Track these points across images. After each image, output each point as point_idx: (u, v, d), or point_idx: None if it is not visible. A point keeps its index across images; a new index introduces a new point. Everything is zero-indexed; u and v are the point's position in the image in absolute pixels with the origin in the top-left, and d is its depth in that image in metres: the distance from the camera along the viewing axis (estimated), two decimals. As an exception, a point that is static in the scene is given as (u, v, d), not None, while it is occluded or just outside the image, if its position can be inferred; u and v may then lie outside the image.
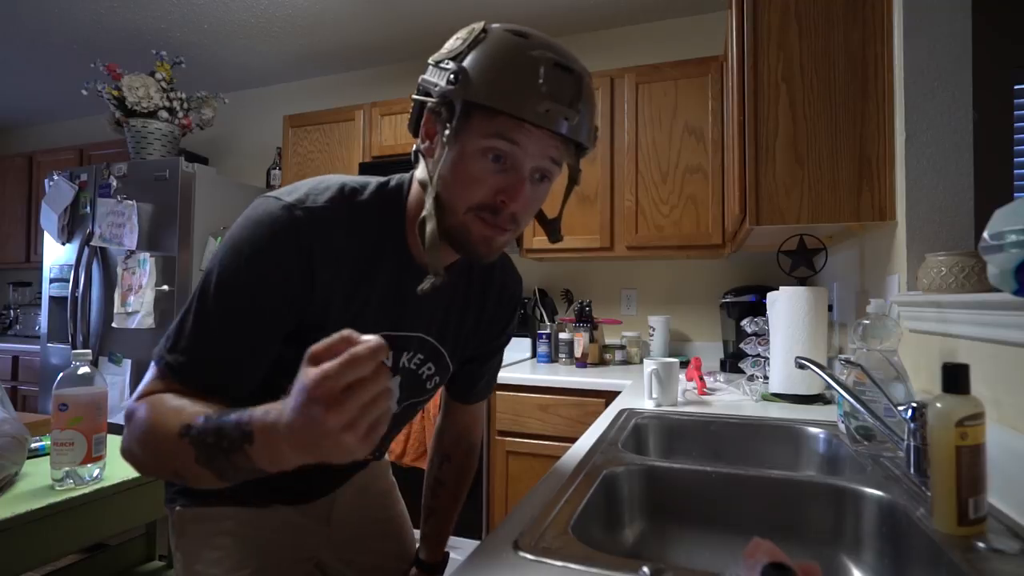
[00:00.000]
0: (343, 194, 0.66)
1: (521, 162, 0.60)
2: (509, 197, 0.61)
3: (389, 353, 0.42)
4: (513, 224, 0.63)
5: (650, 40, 2.60)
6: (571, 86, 0.59)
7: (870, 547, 0.76)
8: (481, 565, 0.56)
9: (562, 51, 0.60)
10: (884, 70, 1.19)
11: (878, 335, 0.98)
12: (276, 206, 0.62)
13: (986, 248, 0.64)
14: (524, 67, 0.58)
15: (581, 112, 0.59)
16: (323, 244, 0.62)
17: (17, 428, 1.07)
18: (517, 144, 0.59)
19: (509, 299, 0.87)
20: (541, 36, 0.61)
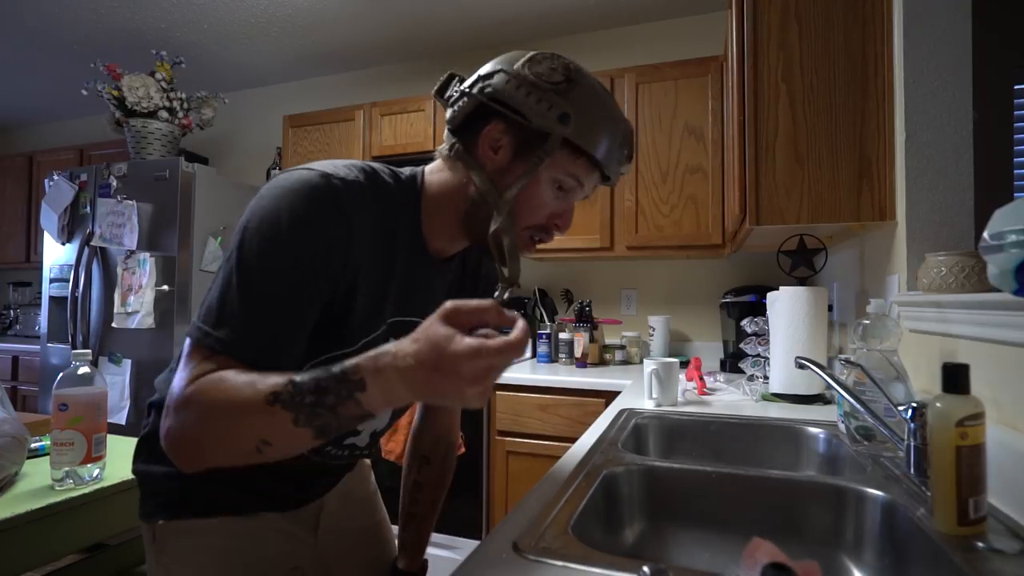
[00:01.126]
0: (367, 173, 0.66)
1: (576, 196, 0.71)
2: (562, 222, 0.71)
3: None
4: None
5: (650, 40, 2.60)
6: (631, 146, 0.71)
7: (870, 547, 0.76)
8: (481, 565, 0.56)
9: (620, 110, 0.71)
10: (884, 70, 1.19)
11: (878, 335, 0.98)
12: (312, 175, 0.61)
13: (986, 248, 0.64)
14: (617, 128, 0.69)
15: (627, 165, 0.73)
16: (360, 216, 0.62)
17: (17, 428, 1.07)
18: (582, 185, 0.69)
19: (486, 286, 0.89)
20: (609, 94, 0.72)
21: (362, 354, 0.51)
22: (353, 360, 0.50)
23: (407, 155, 2.56)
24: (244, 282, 0.57)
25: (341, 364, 0.50)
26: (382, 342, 0.63)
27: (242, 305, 0.56)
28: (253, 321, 0.57)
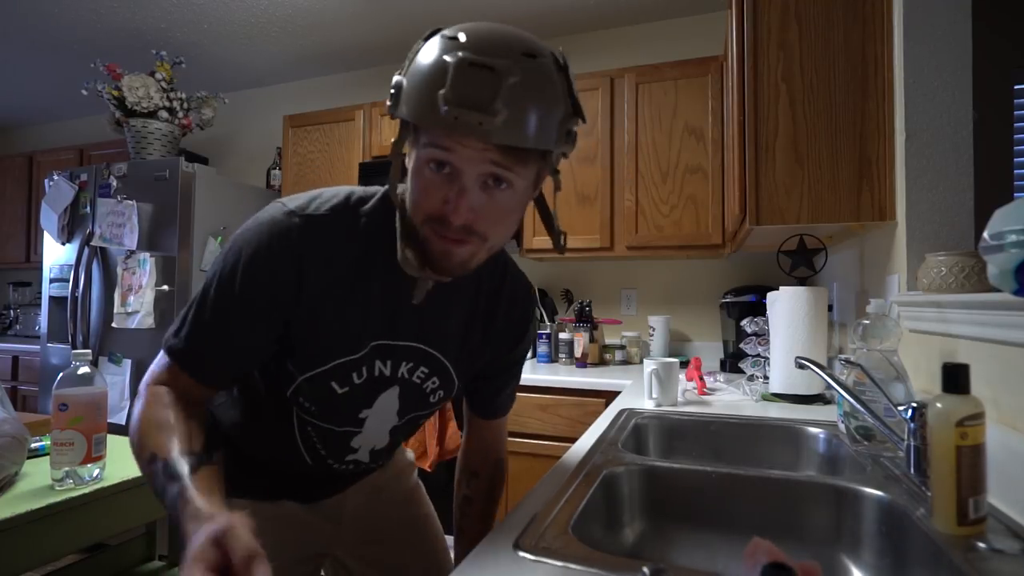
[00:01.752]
0: (348, 203, 0.68)
1: (460, 169, 0.57)
2: (452, 207, 0.58)
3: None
4: (470, 235, 0.60)
5: (650, 40, 2.60)
6: (485, 86, 0.53)
7: (870, 547, 0.76)
8: (481, 565, 0.56)
9: (490, 45, 0.55)
10: (884, 70, 1.19)
11: (878, 335, 0.98)
12: (279, 211, 0.65)
13: (986, 248, 0.64)
14: (435, 73, 0.55)
15: (501, 112, 0.53)
16: (316, 250, 0.65)
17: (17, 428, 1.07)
18: (451, 151, 0.56)
19: (520, 312, 0.83)
20: (478, 33, 0.57)
21: (197, 503, 0.54)
22: (190, 495, 0.54)
23: (407, 155, 2.56)
24: (200, 303, 0.65)
25: (188, 493, 0.54)
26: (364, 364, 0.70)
27: (192, 321, 0.65)
28: (197, 337, 0.65)
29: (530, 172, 0.61)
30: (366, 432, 0.77)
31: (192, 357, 0.65)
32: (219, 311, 0.64)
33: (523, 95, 0.55)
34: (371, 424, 0.76)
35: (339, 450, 0.78)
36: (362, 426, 0.76)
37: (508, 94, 0.53)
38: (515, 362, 0.88)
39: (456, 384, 0.80)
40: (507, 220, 0.63)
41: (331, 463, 0.79)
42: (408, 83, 0.57)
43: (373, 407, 0.74)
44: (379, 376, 0.72)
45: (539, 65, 0.57)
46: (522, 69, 0.55)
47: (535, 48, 0.57)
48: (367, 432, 0.77)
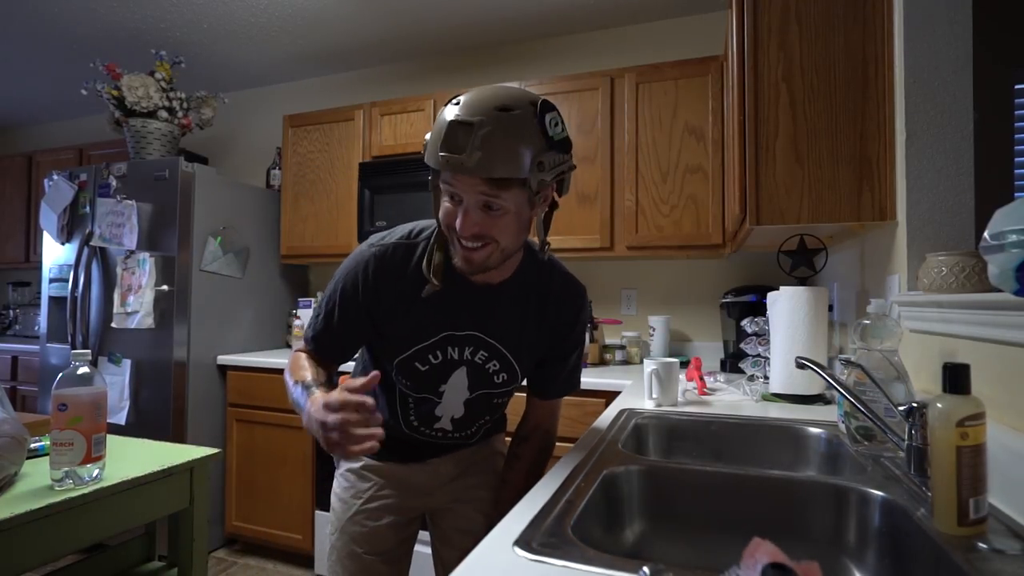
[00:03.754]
0: (410, 234, 0.96)
1: (463, 197, 0.80)
2: (460, 224, 0.81)
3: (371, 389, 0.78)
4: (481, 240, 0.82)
5: (650, 40, 2.59)
6: (463, 135, 0.75)
7: (870, 547, 0.76)
8: (481, 565, 0.56)
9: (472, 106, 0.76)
10: (884, 70, 1.19)
11: (878, 335, 0.98)
12: (364, 245, 0.96)
13: (987, 248, 0.64)
14: (438, 129, 0.78)
15: (475, 155, 0.74)
16: (386, 272, 0.93)
17: (17, 428, 1.07)
18: (453, 185, 0.80)
19: (569, 308, 1.02)
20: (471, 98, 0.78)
21: (317, 394, 0.83)
22: (313, 393, 0.84)
23: (407, 155, 2.56)
24: (319, 312, 0.99)
25: (311, 392, 0.85)
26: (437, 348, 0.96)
27: (315, 323, 0.99)
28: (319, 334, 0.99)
29: (516, 196, 0.80)
30: (445, 402, 1.01)
31: (316, 345, 0.99)
32: (327, 318, 0.97)
33: (492, 140, 0.75)
34: (448, 396, 1.01)
35: (428, 418, 1.03)
36: (441, 397, 1.00)
37: (480, 141, 0.75)
38: (571, 350, 1.06)
39: (518, 369, 1.00)
40: (511, 229, 0.83)
41: (424, 430, 1.04)
42: (430, 139, 0.81)
43: (448, 382, 0.99)
44: (450, 359, 0.97)
45: (511, 117, 0.76)
46: (493, 121, 0.75)
47: (511, 103, 0.77)
48: (445, 402, 1.01)
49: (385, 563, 1.06)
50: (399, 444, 1.06)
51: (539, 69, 2.75)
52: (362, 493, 1.07)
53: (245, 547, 2.57)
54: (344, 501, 1.08)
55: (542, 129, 0.78)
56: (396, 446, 1.04)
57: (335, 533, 1.07)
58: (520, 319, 0.98)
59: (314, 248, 2.76)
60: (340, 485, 1.10)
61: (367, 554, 1.04)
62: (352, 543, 1.05)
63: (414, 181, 2.47)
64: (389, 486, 1.07)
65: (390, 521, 1.06)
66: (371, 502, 1.06)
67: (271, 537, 2.43)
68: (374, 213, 2.58)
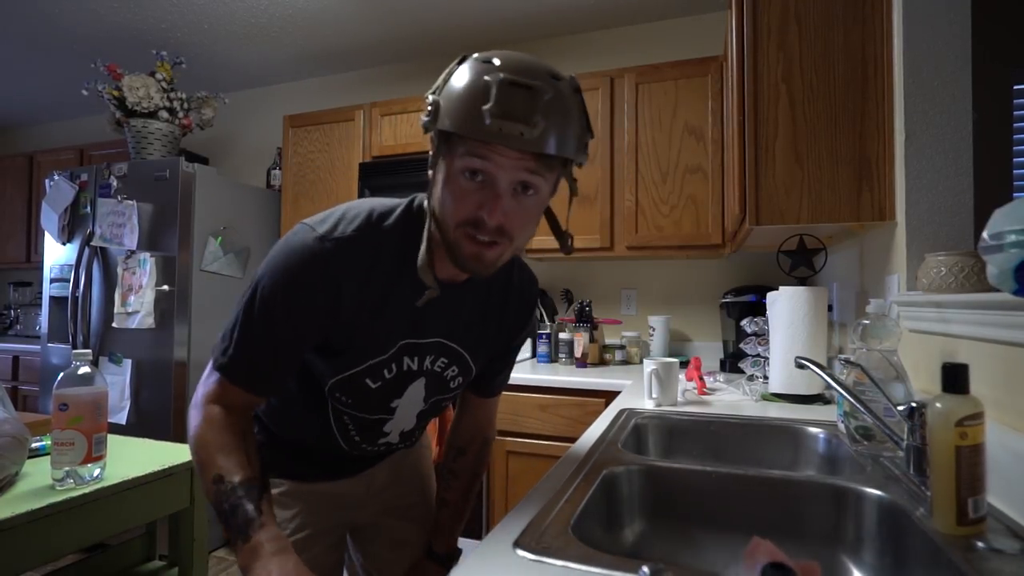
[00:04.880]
0: (370, 220, 0.74)
1: (495, 177, 0.64)
2: (488, 210, 0.65)
3: None
4: (501, 236, 0.67)
5: (650, 40, 2.60)
6: (525, 101, 0.61)
7: (870, 547, 0.76)
8: (481, 565, 0.56)
9: (524, 69, 0.63)
10: (884, 70, 1.19)
11: (878, 335, 0.98)
12: (309, 237, 0.71)
13: (986, 248, 0.64)
14: (478, 90, 0.62)
15: (540, 124, 0.61)
16: (350, 271, 0.71)
17: (17, 428, 1.07)
18: (488, 160, 0.63)
19: (528, 302, 0.92)
20: (511, 59, 0.64)
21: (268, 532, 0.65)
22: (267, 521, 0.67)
23: (407, 155, 2.56)
24: (244, 323, 0.72)
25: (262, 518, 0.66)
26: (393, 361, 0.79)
27: (238, 339, 0.72)
28: (245, 353, 0.72)
29: (553, 178, 0.69)
30: (397, 418, 0.86)
31: (241, 373, 0.73)
32: (263, 332, 0.71)
33: (555, 110, 0.63)
34: (401, 411, 0.86)
35: (373, 435, 0.87)
36: (393, 413, 0.85)
37: (544, 108, 0.61)
38: (517, 346, 0.96)
39: (473, 370, 0.88)
40: (531, 222, 0.71)
41: (365, 447, 0.89)
42: (447, 100, 0.64)
43: (403, 396, 0.84)
44: (407, 371, 0.81)
45: (563, 87, 0.65)
46: (553, 88, 0.63)
47: (558, 73, 0.66)
48: (398, 418, 0.86)
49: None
50: (332, 460, 0.92)
51: (539, 69, 2.74)
52: (286, 524, 0.89)
53: (245, 547, 2.57)
54: None
55: (582, 106, 0.69)
56: (328, 462, 0.92)
57: None
58: (482, 316, 0.85)
59: (314, 248, 2.75)
60: None
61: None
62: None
63: (414, 181, 2.47)
64: (317, 508, 0.91)
65: (323, 547, 0.92)
66: (299, 531, 0.89)
67: (271, 537, 2.43)
68: (374, 213, 2.58)
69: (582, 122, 0.68)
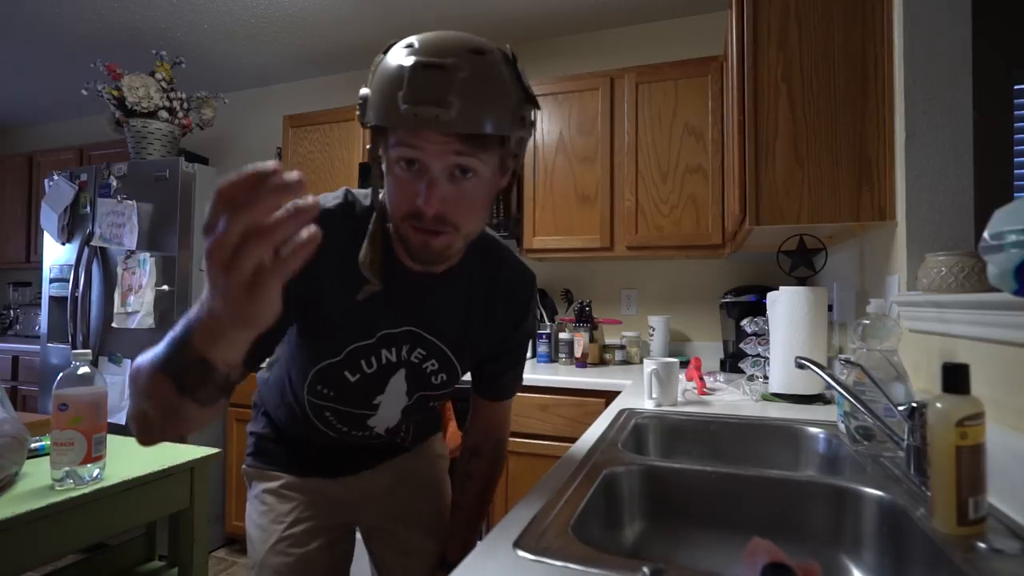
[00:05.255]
0: (346, 200, 0.75)
1: (428, 164, 0.62)
2: (424, 200, 0.62)
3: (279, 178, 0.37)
4: (444, 225, 0.65)
5: (650, 40, 2.60)
6: (437, 81, 0.58)
7: (870, 547, 0.76)
8: (481, 565, 0.56)
9: (438, 48, 0.60)
10: (884, 70, 1.19)
11: (878, 335, 0.98)
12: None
13: (986, 248, 0.64)
14: (393, 78, 0.60)
15: (455, 104, 0.58)
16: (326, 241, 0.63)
17: (17, 428, 1.07)
18: (417, 148, 0.61)
19: (520, 299, 0.88)
20: (428, 39, 0.61)
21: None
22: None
23: (407, 155, 2.56)
24: None
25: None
26: (373, 353, 0.78)
27: None
28: None
29: (492, 158, 0.65)
30: (380, 414, 0.87)
31: None
32: None
33: (474, 87, 0.59)
34: (385, 407, 0.86)
35: (357, 426, 0.88)
36: (376, 410, 0.85)
37: (459, 87, 0.58)
38: (516, 346, 0.93)
39: (457, 368, 0.87)
40: (477, 208, 0.67)
41: (354, 433, 0.89)
42: (372, 92, 0.62)
43: (386, 391, 0.83)
44: (387, 363, 0.80)
45: (487, 61, 0.61)
46: (470, 64, 0.60)
47: (482, 46, 0.62)
48: (381, 414, 0.87)
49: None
50: (323, 454, 0.93)
51: (539, 69, 2.75)
52: (283, 517, 0.90)
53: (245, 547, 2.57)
54: (262, 528, 0.91)
55: (518, 78, 0.64)
56: (320, 457, 0.93)
57: (255, 568, 0.90)
58: (464, 312, 0.83)
59: (314, 248, 2.75)
60: (256, 510, 0.93)
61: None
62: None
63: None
64: (315, 504, 0.92)
65: (320, 544, 0.91)
66: (295, 526, 0.90)
67: (271, 537, 2.43)
68: (374, 213, 2.58)
69: (516, 94, 0.64)
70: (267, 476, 0.94)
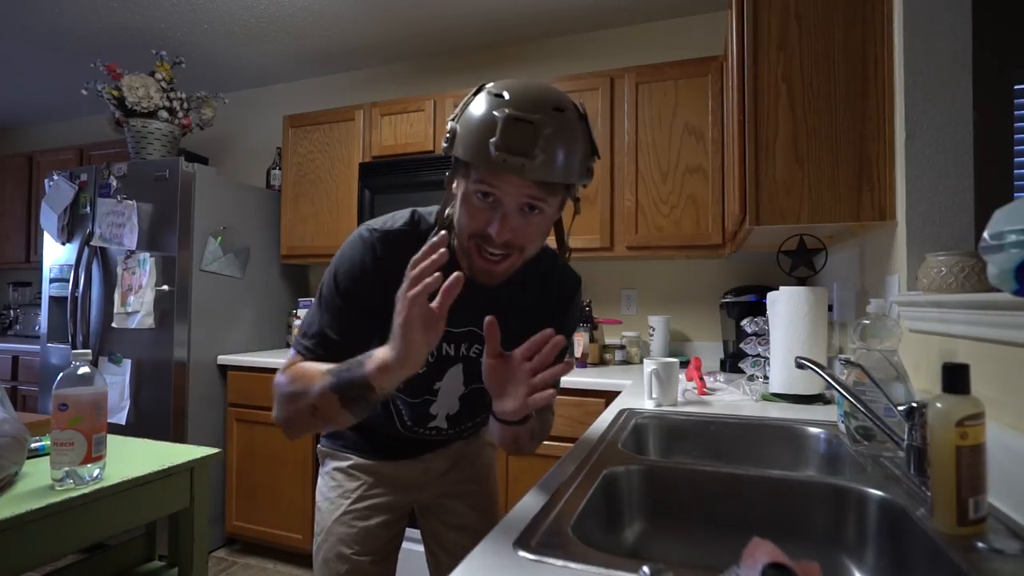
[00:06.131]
0: (412, 220, 0.88)
1: (502, 200, 0.74)
2: (495, 228, 0.74)
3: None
4: (510, 249, 0.77)
5: (650, 40, 2.60)
6: (526, 135, 0.69)
7: (870, 547, 0.76)
8: (481, 565, 0.56)
9: (529, 104, 0.70)
10: (884, 70, 1.19)
11: (878, 335, 0.98)
12: (363, 230, 0.87)
13: (986, 248, 0.64)
14: (486, 124, 0.70)
15: (539, 157, 0.69)
16: (393, 256, 0.82)
17: (17, 428, 1.07)
18: (495, 187, 0.73)
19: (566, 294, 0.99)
20: (518, 93, 0.71)
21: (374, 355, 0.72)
22: (369, 359, 0.72)
23: (407, 155, 2.56)
24: (318, 311, 0.87)
25: (365, 361, 0.72)
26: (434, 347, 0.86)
27: (318, 324, 0.86)
28: (322, 335, 0.85)
29: (558, 200, 0.78)
30: (440, 400, 0.98)
31: (320, 350, 0.84)
32: (333, 314, 0.85)
33: (555, 142, 0.70)
34: (444, 393, 0.97)
35: (421, 417, 0.99)
36: (436, 395, 0.97)
37: (544, 142, 0.69)
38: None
39: None
40: (539, 235, 0.80)
41: (418, 430, 1.01)
42: (462, 129, 0.73)
43: (443, 379, 0.96)
44: (445, 356, 0.93)
45: (566, 117, 0.73)
46: (555, 122, 0.71)
47: (563, 103, 0.74)
48: (441, 400, 0.98)
49: (374, 563, 1.03)
50: (391, 442, 1.05)
51: (539, 69, 2.75)
52: (350, 493, 1.04)
53: (245, 547, 2.57)
54: (331, 501, 1.05)
55: (587, 132, 0.76)
56: (387, 444, 1.05)
57: (321, 534, 1.04)
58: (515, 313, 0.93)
59: (314, 248, 2.76)
60: (326, 484, 1.07)
61: (356, 555, 1.02)
62: (340, 544, 1.02)
63: (414, 181, 2.47)
64: (379, 484, 1.05)
65: (380, 520, 1.04)
66: (360, 501, 1.03)
67: (271, 537, 2.43)
68: (374, 213, 2.58)
69: (585, 148, 0.75)
70: (338, 456, 1.08)
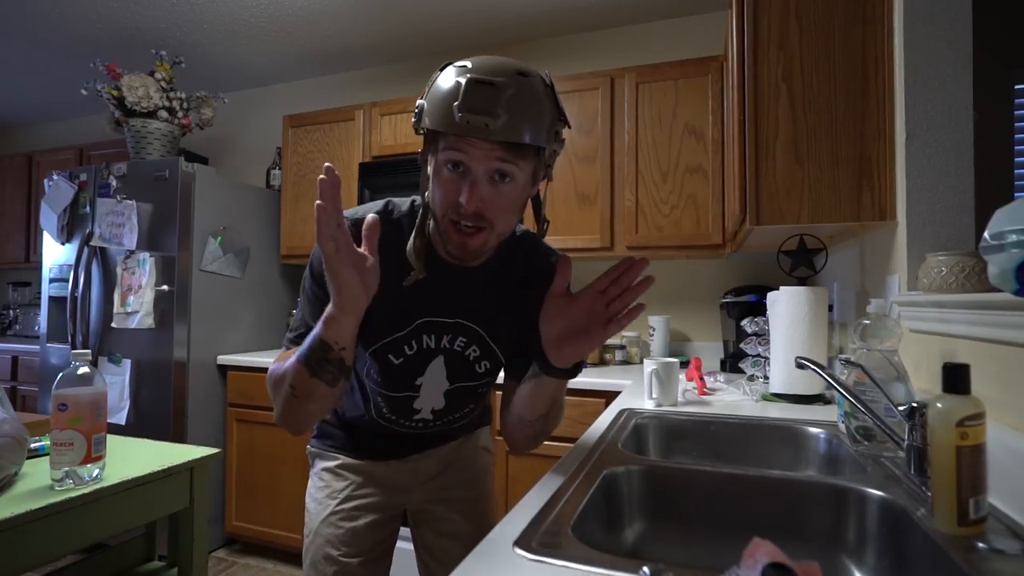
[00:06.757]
0: (385, 209, 0.88)
1: (471, 167, 0.73)
2: (465, 196, 0.73)
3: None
4: (481, 221, 0.75)
5: (650, 40, 2.60)
6: (488, 96, 0.69)
7: (870, 547, 0.76)
8: (481, 565, 0.56)
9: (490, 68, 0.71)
10: (884, 70, 1.19)
11: (878, 335, 0.98)
12: None
13: (986, 248, 0.64)
14: (451, 91, 0.71)
15: (502, 116, 0.69)
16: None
17: (17, 428, 1.07)
18: (463, 152, 0.72)
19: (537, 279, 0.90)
20: (482, 61, 0.73)
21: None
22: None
23: (407, 155, 2.56)
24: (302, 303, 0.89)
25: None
26: (413, 338, 0.89)
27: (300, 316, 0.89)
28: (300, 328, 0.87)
29: (528, 166, 0.76)
30: (423, 396, 0.95)
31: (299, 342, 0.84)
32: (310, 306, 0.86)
33: (518, 103, 0.71)
34: (426, 388, 0.94)
35: (405, 412, 0.97)
36: (419, 391, 0.94)
37: (506, 102, 0.70)
38: None
39: (497, 353, 0.94)
40: (510, 209, 0.78)
41: (403, 422, 0.98)
42: (429, 102, 0.75)
43: (425, 374, 0.92)
44: (426, 348, 0.90)
45: (530, 82, 0.73)
46: (516, 84, 0.71)
47: (526, 70, 0.74)
48: (423, 396, 0.95)
49: (363, 565, 1.00)
50: (376, 439, 1.03)
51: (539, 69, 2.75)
52: (337, 493, 1.02)
53: (245, 547, 2.57)
54: (318, 502, 1.03)
55: (554, 99, 0.76)
56: (373, 442, 1.03)
57: (309, 535, 1.03)
58: (497, 300, 0.91)
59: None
60: (314, 485, 1.06)
61: (344, 556, 0.99)
62: (327, 545, 1.00)
63: (414, 181, 2.47)
64: (367, 484, 1.03)
65: (368, 521, 1.02)
66: (347, 502, 1.01)
67: (271, 537, 2.43)
68: (374, 213, 2.58)
69: (552, 113, 0.75)
70: (327, 456, 1.06)
